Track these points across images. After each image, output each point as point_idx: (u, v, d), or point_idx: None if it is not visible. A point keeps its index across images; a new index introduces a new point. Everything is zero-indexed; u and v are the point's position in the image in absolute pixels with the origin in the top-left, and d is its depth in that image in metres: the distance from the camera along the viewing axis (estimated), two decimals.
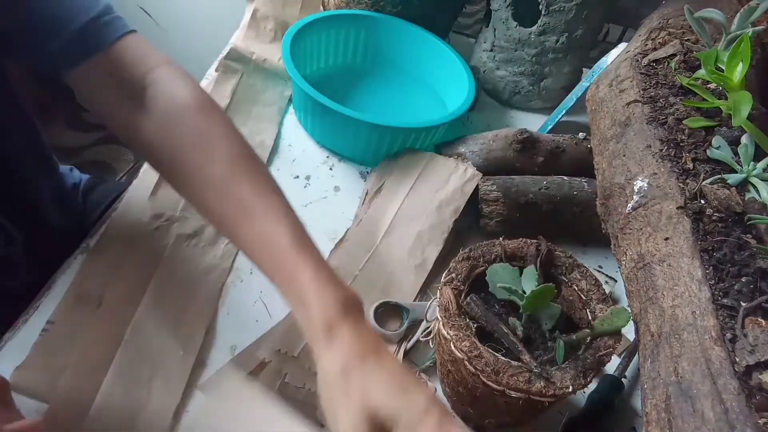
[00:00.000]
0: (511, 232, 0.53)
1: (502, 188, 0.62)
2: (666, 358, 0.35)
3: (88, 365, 0.46)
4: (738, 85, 0.43)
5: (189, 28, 1.41)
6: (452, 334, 0.40)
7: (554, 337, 0.42)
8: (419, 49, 0.81)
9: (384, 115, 0.69)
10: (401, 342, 0.53)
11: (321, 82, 0.76)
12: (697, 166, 0.43)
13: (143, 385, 0.46)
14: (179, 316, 0.51)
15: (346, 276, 0.56)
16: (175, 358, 0.48)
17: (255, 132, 0.70)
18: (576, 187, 0.63)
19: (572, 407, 0.51)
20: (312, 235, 0.62)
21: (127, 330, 0.49)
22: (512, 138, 0.66)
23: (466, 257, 0.45)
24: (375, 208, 0.62)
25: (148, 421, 0.45)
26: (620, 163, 0.47)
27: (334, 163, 0.70)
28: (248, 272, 0.56)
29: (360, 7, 0.80)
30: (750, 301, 0.34)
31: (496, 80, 0.85)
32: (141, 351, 0.48)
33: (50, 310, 0.49)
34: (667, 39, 0.56)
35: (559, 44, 0.78)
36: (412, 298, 0.56)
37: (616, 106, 0.52)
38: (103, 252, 0.54)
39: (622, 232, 0.44)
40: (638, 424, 0.51)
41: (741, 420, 0.29)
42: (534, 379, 0.38)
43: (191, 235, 0.57)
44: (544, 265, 0.46)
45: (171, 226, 0.57)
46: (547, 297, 0.42)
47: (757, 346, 0.31)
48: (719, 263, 0.37)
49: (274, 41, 0.81)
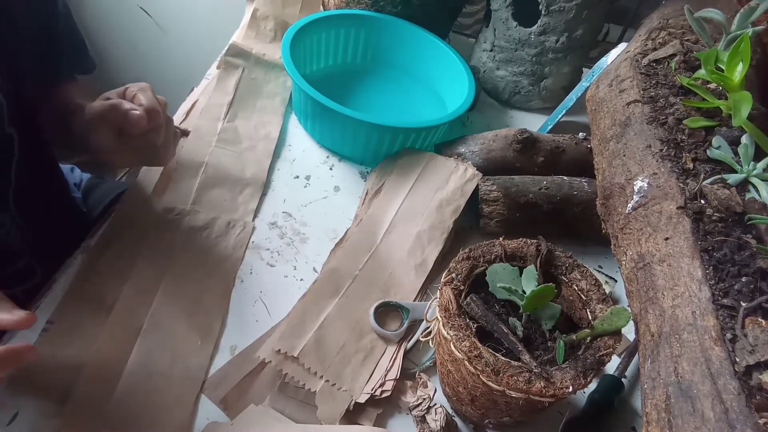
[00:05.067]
0: (511, 232, 0.53)
1: (502, 188, 0.62)
2: (666, 358, 0.35)
3: (107, 356, 0.47)
4: (738, 85, 0.43)
5: (189, 28, 1.41)
6: (452, 334, 0.40)
7: (554, 337, 0.42)
8: (419, 49, 0.81)
9: (384, 115, 0.69)
10: (401, 342, 0.53)
11: (321, 82, 0.76)
12: (697, 166, 0.43)
13: (163, 373, 0.47)
14: (195, 306, 0.52)
15: (346, 276, 0.56)
16: (194, 347, 0.49)
17: (260, 125, 0.70)
18: (576, 187, 0.63)
19: (572, 407, 0.51)
20: (312, 235, 0.62)
21: (144, 321, 0.49)
22: (512, 138, 0.66)
23: (466, 257, 0.45)
24: (375, 208, 0.62)
25: (169, 409, 0.45)
26: (620, 163, 0.47)
27: (334, 163, 0.70)
28: (248, 272, 0.56)
29: (360, 7, 0.80)
30: (750, 301, 0.34)
31: (496, 80, 0.85)
32: (159, 340, 0.49)
33: (50, 310, 0.49)
34: (667, 39, 0.56)
35: (559, 44, 0.78)
36: (412, 298, 0.56)
37: (616, 106, 0.52)
38: (104, 251, 0.54)
39: (622, 232, 0.44)
40: (638, 424, 0.51)
41: (741, 420, 0.29)
42: (534, 379, 0.38)
43: (203, 228, 0.58)
44: (544, 265, 0.46)
45: (183, 219, 0.58)
46: (547, 297, 0.42)
47: (757, 346, 0.31)
48: (719, 263, 0.37)
49: (274, 41, 0.81)
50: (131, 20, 1.42)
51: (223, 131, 0.68)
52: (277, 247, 0.59)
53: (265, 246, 0.59)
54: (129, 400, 0.45)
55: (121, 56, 1.52)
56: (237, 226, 0.59)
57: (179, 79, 1.51)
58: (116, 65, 1.54)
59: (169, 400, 0.45)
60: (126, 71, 1.56)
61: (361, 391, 0.48)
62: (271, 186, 0.65)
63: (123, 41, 1.48)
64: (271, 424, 0.45)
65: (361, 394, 0.48)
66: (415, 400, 0.48)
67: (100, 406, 0.44)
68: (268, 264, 0.58)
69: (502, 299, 0.44)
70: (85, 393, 0.44)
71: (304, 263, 0.58)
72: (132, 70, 1.55)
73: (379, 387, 0.48)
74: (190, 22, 1.40)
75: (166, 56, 1.50)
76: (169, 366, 0.47)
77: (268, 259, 0.58)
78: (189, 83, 0.77)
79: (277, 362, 0.48)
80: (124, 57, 1.52)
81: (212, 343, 0.50)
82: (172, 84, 1.55)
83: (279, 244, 0.60)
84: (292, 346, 0.49)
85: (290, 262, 0.58)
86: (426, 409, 0.47)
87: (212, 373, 0.48)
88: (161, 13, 1.41)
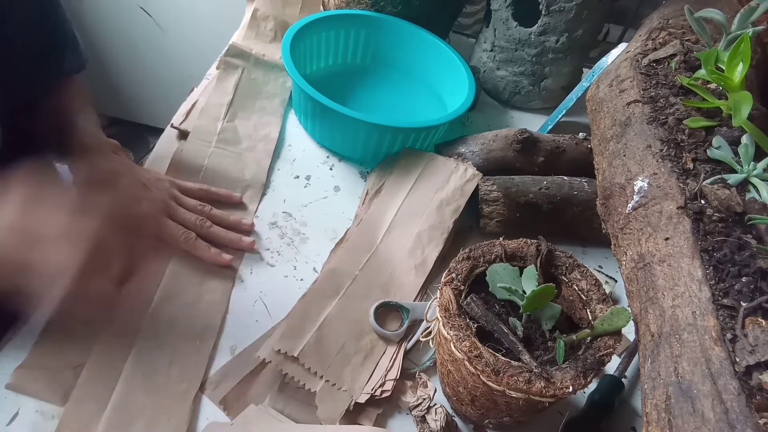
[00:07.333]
0: (511, 232, 0.53)
1: (502, 188, 0.62)
2: (666, 358, 0.35)
3: (106, 356, 0.47)
4: (738, 85, 0.43)
5: (189, 27, 1.41)
6: (452, 334, 0.40)
7: (554, 337, 0.42)
8: (419, 49, 0.81)
9: (384, 115, 0.69)
10: (401, 342, 0.53)
11: (321, 82, 0.76)
12: (697, 166, 0.43)
13: (163, 372, 0.47)
14: (195, 305, 0.52)
15: (346, 276, 0.56)
16: (193, 347, 0.49)
17: (260, 125, 0.70)
18: (576, 187, 0.63)
19: (572, 407, 0.51)
20: (312, 235, 0.62)
21: (144, 321, 0.49)
22: (512, 138, 0.66)
23: (466, 257, 0.45)
24: (375, 208, 0.62)
25: (168, 408, 0.45)
26: (620, 163, 0.47)
27: (334, 163, 0.70)
28: (248, 272, 0.56)
29: (360, 7, 0.80)
30: (750, 301, 0.34)
31: (496, 80, 0.85)
32: (159, 340, 0.49)
33: (50, 310, 0.49)
34: (668, 39, 0.56)
35: (559, 44, 0.78)
36: (412, 298, 0.56)
37: (617, 106, 0.52)
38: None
39: (622, 232, 0.44)
40: (638, 424, 0.51)
41: (741, 420, 0.29)
42: (534, 379, 0.38)
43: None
44: (544, 265, 0.46)
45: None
46: (547, 297, 0.42)
47: (757, 346, 0.31)
48: (719, 263, 0.37)
49: (274, 41, 0.81)
50: (131, 20, 1.42)
51: (222, 131, 0.68)
52: (277, 247, 0.59)
53: (265, 246, 0.59)
54: (128, 400, 0.45)
55: (121, 56, 1.52)
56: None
57: (179, 79, 1.52)
58: (116, 65, 1.54)
59: (168, 400, 0.45)
60: (126, 71, 1.57)
61: (361, 391, 0.48)
62: (271, 186, 0.65)
63: (123, 41, 1.48)
64: (271, 424, 0.45)
65: (361, 394, 0.48)
66: (415, 400, 0.48)
67: (100, 406, 0.44)
68: (268, 264, 0.58)
69: (502, 299, 0.44)
70: (85, 393, 0.44)
71: (304, 263, 0.58)
72: (132, 70, 1.56)
73: (379, 387, 0.48)
74: (190, 22, 1.40)
75: (166, 56, 1.50)
76: (168, 366, 0.47)
77: (268, 259, 0.58)
78: (189, 83, 0.77)
79: (277, 362, 0.48)
80: (124, 57, 1.52)
81: (211, 343, 0.50)
82: (172, 84, 1.55)
83: (279, 244, 0.60)
84: (292, 346, 0.49)
85: (290, 262, 0.58)
86: (426, 409, 0.47)
87: (212, 373, 0.48)
88: (161, 13, 1.41)
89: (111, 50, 1.50)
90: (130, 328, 0.49)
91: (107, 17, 1.43)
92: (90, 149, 0.54)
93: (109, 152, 0.55)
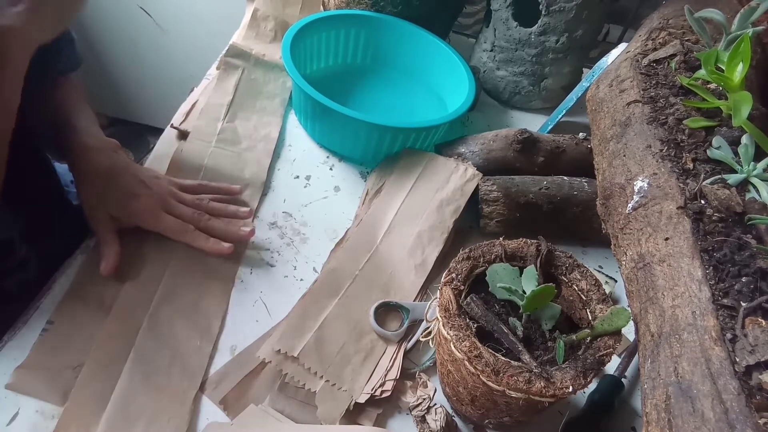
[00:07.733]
0: (511, 232, 0.53)
1: (502, 188, 0.62)
2: (666, 358, 0.35)
3: (106, 356, 0.47)
4: (738, 85, 0.43)
5: (189, 27, 1.41)
6: (452, 334, 0.40)
7: (554, 337, 0.42)
8: (419, 49, 0.81)
9: (384, 115, 0.69)
10: (401, 342, 0.53)
11: (321, 82, 0.76)
12: (697, 166, 0.43)
13: (163, 373, 0.47)
14: (195, 306, 0.52)
15: (346, 276, 0.56)
16: (193, 347, 0.49)
17: (260, 125, 0.70)
18: (576, 187, 0.63)
19: (572, 407, 0.51)
20: (312, 235, 0.62)
21: (144, 321, 0.49)
22: (512, 138, 0.66)
23: (466, 257, 0.45)
24: (375, 208, 0.62)
25: (168, 408, 0.45)
26: (620, 163, 0.47)
27: (334, 163, 0.70)
28: (248, 272, 0.56)
29: (360, 7, 0.80)
30: (750, 301, 0.34)
31: (496, 80, 0.85)
32: (159, 340, 0.49)
33: (50, 310, 0.49)
34: (667, 39, 0.56)
35: (559, 44, 0.78)
36: (412, 298, 0.56)
37: (617, 106, 0.52)
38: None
39: (622, 232, 0.44)
40: (638, 424, 0.51)
41: (741, 420, 0.29)
42: (534, 379, 0.38)
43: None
44: (544, 265, 0.46)
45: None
46: (547, 297, 0.42)
47: (757, 346, 0.31)
48: (719, 263, 0.37)
49: (274, 41, 0.81)
50: (131, 20, 1.42)
51: (222, 131, 0.68)
52: (277, 247, 0.59)
53: (265, 246, 0.59)
54: (128, 400, 0.45)
55: (121, 56, 1.52)
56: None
57: (179, 79, 1.52)
58: (116, 65, 1.54)
59: (168, 400, 0.45)
60: (126, 71, 1.57)
61: (361, 391, 0.48)
62: (271, 186, 0.65)
63: (123, 41, 1.48)
64: (271, 424, 0.45)
65: (361, 394, 0.48)
66: (415, 400, 0.48)
67: (100, 406, 0.44)
68: (268, 264, 0.58)
69: (502, 299, 0.44)
70: (85, 393, 0.44)
71: (304, 263, 0.58)
72: (132, 70, 1.56)
73: (379, 387, 0.48)
74: (190, 22, 1.40)
75: (166, 56, 1.50)
76: (168, 366, 0.47)
77: (268, 259, 0.58)
78: (189, 83, 0.77)
79: (277, 362, 0.48)
80: (124, 57, 1.52)
81: (211, 343, 0.50)
82: (172, 84, 1.55)
83: (279, 244, 0.60)
84: (292, 346, 0.49)
85: (290, 262, 0.58)
86: (426, 409, 0.47)
87: (212, 373, 0.48)
88: (161, 13, 1.41)
89: (111, 50, 1.50)
90: (130, 328, 0.49)
91: (107, 17, 1.43)
92: (89, 148, 0.54)
93: (108, 151, 0.55)
